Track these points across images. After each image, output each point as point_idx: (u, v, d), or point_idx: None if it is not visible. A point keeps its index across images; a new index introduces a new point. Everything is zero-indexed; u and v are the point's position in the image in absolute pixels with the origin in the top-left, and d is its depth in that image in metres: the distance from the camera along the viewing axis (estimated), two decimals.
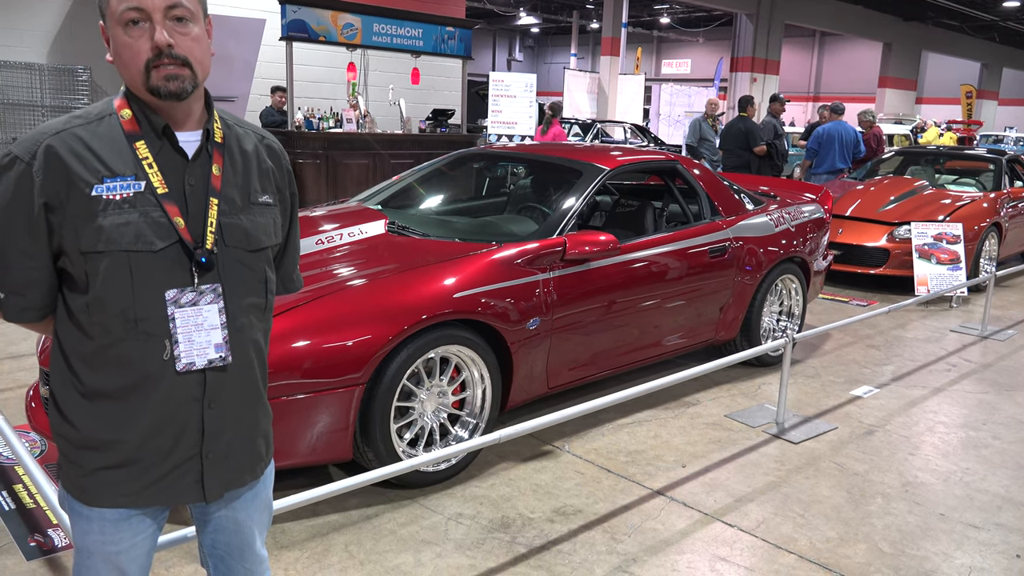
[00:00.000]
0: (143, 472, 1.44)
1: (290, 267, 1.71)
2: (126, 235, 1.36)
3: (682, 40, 38.28)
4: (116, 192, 1.36)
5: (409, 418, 3.26)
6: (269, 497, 1.68)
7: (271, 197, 1.55)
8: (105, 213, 1.35)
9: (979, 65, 33.61)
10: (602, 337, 3.92)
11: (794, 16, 24.77)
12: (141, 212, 1.37)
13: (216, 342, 1.44)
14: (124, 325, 1.38)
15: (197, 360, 1.42)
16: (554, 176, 4.58)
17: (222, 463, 1.50)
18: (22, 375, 4.39)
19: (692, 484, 3.44)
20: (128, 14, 1.35)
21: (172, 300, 1.40)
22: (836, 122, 9.53)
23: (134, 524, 1.49)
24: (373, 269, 3.37)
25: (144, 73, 1.37)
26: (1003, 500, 3.43)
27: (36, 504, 3.03)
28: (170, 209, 1.39)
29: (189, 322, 1.41)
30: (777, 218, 4.97)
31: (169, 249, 1.39)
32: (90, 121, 1.42)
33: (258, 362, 1.54)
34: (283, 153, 1.63)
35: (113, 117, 1.42)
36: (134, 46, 1.37)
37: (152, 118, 1.42)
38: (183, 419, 1.44)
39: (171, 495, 1.47)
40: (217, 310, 1.44)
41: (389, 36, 9.26)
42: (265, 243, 1.52)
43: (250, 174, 1.52)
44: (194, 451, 1.46)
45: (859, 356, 5.45)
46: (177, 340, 1.40)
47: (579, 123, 16.89)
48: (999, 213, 7.93)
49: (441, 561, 2.77)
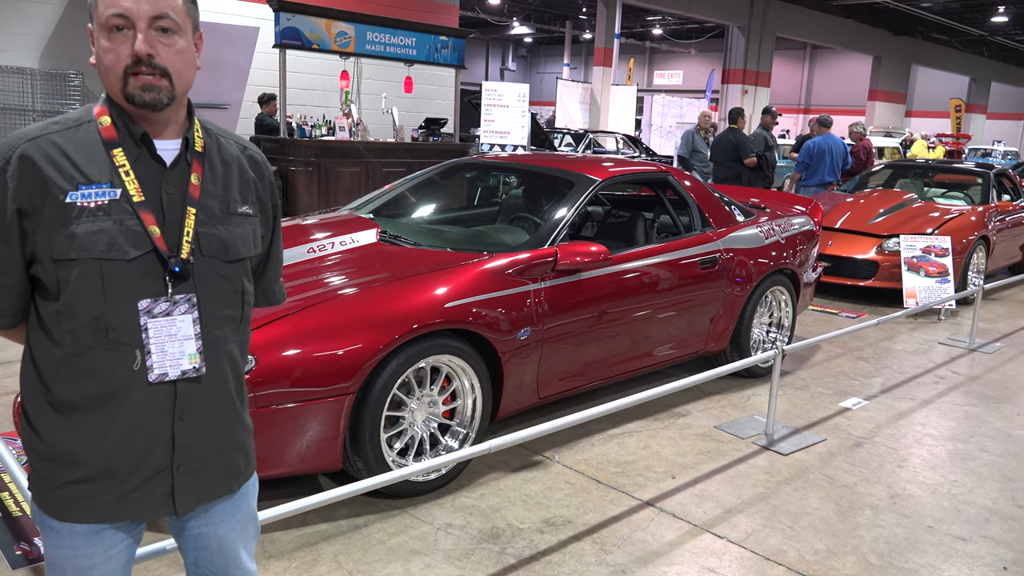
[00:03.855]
0: (112, 486, 1.41)
1: (272, 279, 1.69)
2: (99, 243, 1.34)
3: (674, 51, 38.49)
4: (91, 199, 1.35)
5: (399, 427, 3.25)
6: (252, 510, 1.65)
7: (251, 208, 1.53)
8: (79, 220, 1.33)
9: (968, 79, 33.92)
10: (593, 348, 3.93)
11: (785, 29, 24.95)
12: (115, 220, 1.35)
13: (189, 352, 1.41)
14: (95, 334, 1.36)
15: (170, 371, 1.40)
16: (546, 186, 4.59)
17: (194, 476, 1.47)
18: (8, 381, 4.36)
19: (682, 495, 3.44)
20: (113, 20, 1.34)
21: (145, 310, 1.38)
22: (825, 135, 9.60)
23: (107, 538, 1.46)
24: (364, 278, 3.37)
25: (122, 79, 1.36)
26: (991, 512, 3.45)
27: (22, 512, 3.01)
28: (145, 217, 1.37)
29: (162, 332, 1.39)
30: (767, 230, 5.00)
31: (143, 258, 1.37)
32: (68, 127, 1.40)
33: (233, 375, 1.52)
34: (266, 164, 1.61)
35: (92, 124, 1.41)
36: (115, 51, 1.36)
37: (131, 126, 1.40)
38: (153, 431, 1.41)
39: (142, 509, 1.45)
40: (191, 320, 1.41)
41: (382, 45, 9.27)
42: (243, 254, 1.50)
43: (230, 184, 1.50)
44: (165, 464, 1.43)
45: (848, 368, 5.48)
46: (150, 350, 1.38)
47: (571, 133, 16.94)
48: (987, 226, 7.99)
49: (430, 571, 2.76)
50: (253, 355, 2.83)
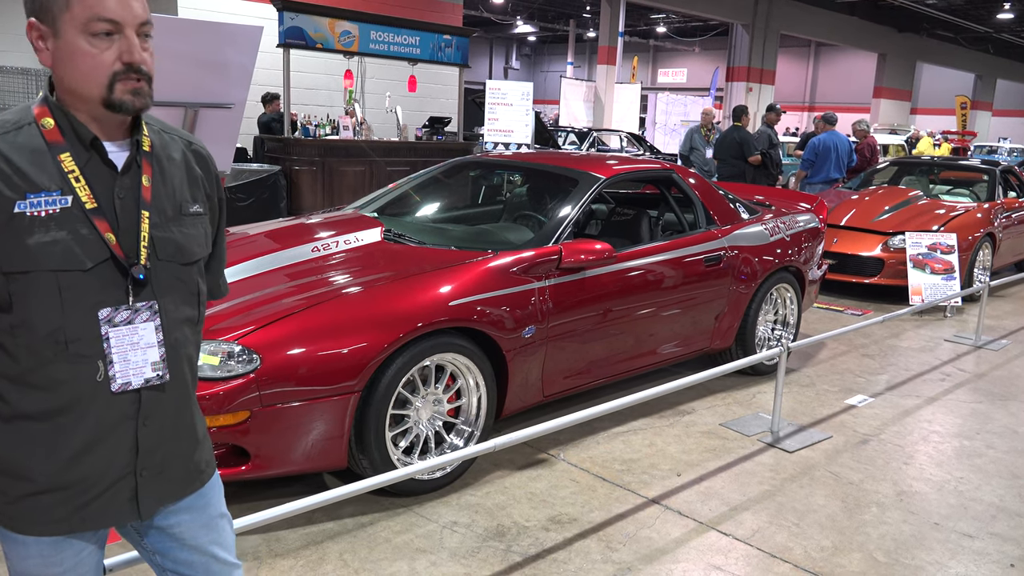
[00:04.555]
0: (71, 497, 1.37)
1: (216, 274, 1.65)
2: (53, 254, 1.28)
3: (678, 49, 38.43)
4: (40, 208, 1.28)
5: (404, 426, 3.25)
6: (219, 507, 1.60)
7: (201, 206, 1.49)
8: (30, 231, 1.27)
9: (973, 76, 33.82)
10: (597, 345, 3.93)
11: (790, 26, 24.90)
12: (69, 229, 1.29)
13: (152, 360, 1.38)
14: (54, 348, 1.31)
15: (133, 380, 1.37)
16: (550, 185, 4.59)
17: (157, 478, 1.45)
18: None
19: (687, 493, 3.44)
20: (99, 25, 1.29)
21: (106, 319, 1.33)
22: (830, 132, 9.57)
23: (74, 544, 1.42)
24: (369, 277, 3.37)
25: (107, 86, 1.31)
26: (997, 509, 3.44)
27: None
28: (100, 225, 1.32)
29: (124, 341, 1.35)
30: (772, 227, 4.99)
31: (101, 267, 1.32)
32: (7, 131, 1.32)
33: (191, 375, 1.50)
34: (211, 158, 1.56)
35: (32, 126, 1.33)
36: (98, 57, 1.30)
37: (78, 128, 1.33)
38: (115, 439, 1.38)
39: (105, 517, 1.41)
40: (153, 327, 1.38)
41: (386, 44, 9.28)
42: (198, 255, 1.47)
43: (180, 183, 1.46)
44: (128, 469, 1.41)
45: (854, 365, 5.46)
46: (112, 360, 1.34)
47: (575, 131, 16.93)
48: (993, 223, 7.96)
49: (436, 570, 2.76)
50: (258, 354, 2.84)
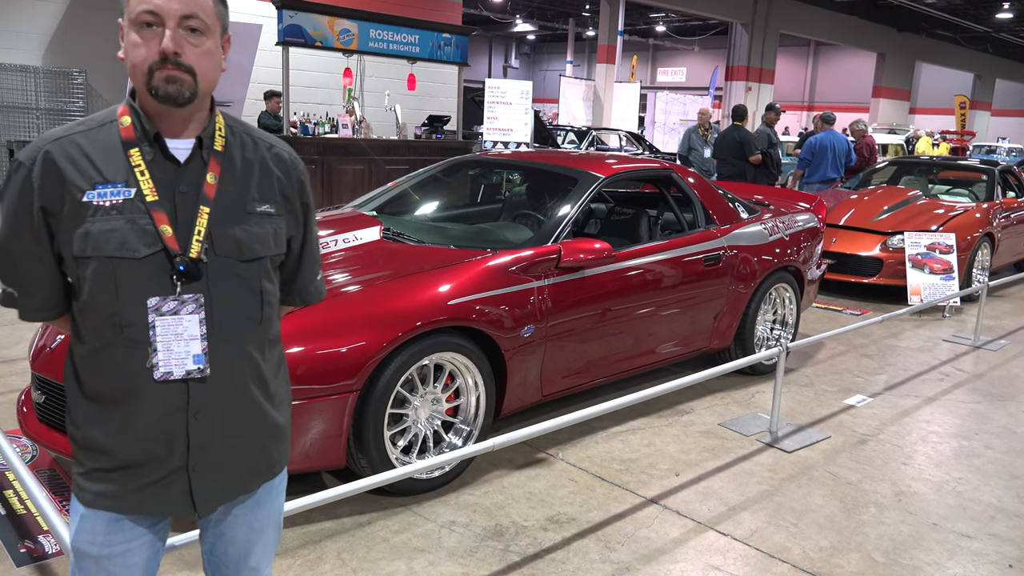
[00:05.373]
0: (131, 478, 1.44)
1: (307, 278, 1.68)
2: (111, 241, 1.37)
3: (677, 48, 38.41)
4: (106, 198, 1.38)
5: (403, 425, 3.25)
6: (274, 512, 1.65)
7: (273, 207, 1.52)
8: (93, 219, 1.37)
9: (972, 76, 33.82)
10: (596, 345, 3.92)
11: (789, 26, 24.90)
12: (128, 219, 1.38)
13: (194, 352, 1.42)
14: (112, 331, 1.40)
15: (175, 370, 1.41)
16: (549, 184, 4.58)
17: (212, 476, 1.48)
18: (13, 379, 4.36)
19: (686, 492, 3.44)
20: (143, 16, 1.37)
21: (153, 308, 1.39)
22: (828, 132, 9.57)
23: (126, 529, 1.48)
24: (368, 275, 3.36)
25: (147, 74, 1.38)
26: (996, 510, 3.44)
27: (27, 510, 3.01)
28: (157, 217, 1.39)
29: (169, 331, 1.40)
30: (771, 227, 4.98)
31: (153, 257, 1.39)
32: (91, 128, 1.44)
33: (253, 375, 1.51)
34: (295, 162, 1.59)
35: (114, 124, 1.44)
36: (143, 48, 1.38)
37: (146, 125, 1.42)
38: (169, 429, 1.43)
39: (158, 505, 1.47)
40: (198, 320, 1.41)
41: (385, 42, 9.27)
42: (260, 253, 1.49)
43: (250, 183, 1.50)
44: (180, 462, 1.45)
45: (852, 365, 5.46)
46: (156, 348, 1.40)
47: (574, 130, 16.92)
48: (992, 223, 7.97)
49: (434, 569, 2.76)
50: None
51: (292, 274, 1.65)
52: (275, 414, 1.58)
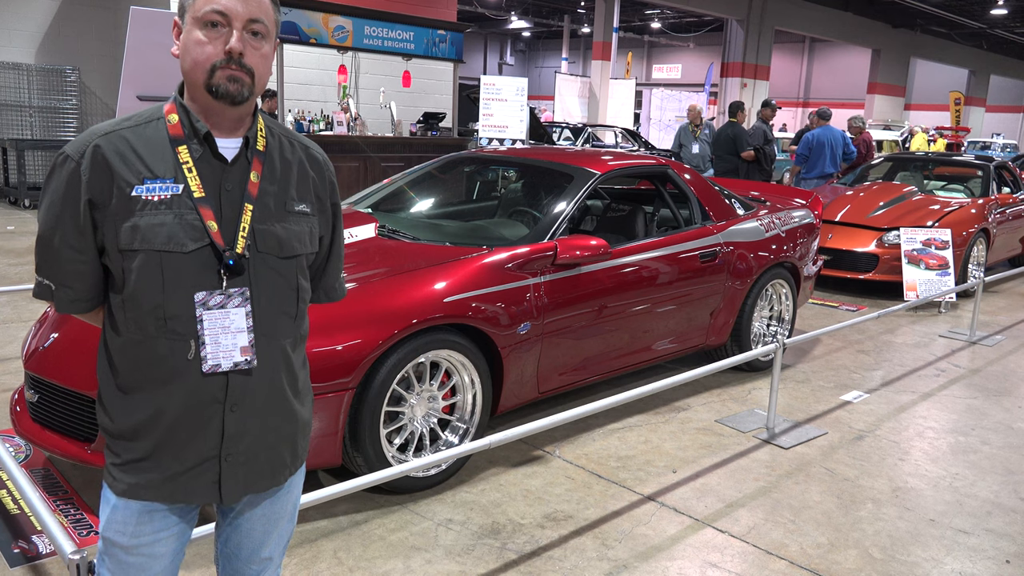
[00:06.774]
0: (164, 466, 1.48)
1: (333, 277, 1.73)
2: (159, 235, 1.40)
3: (673, 45, 38.41)
4: (155, 193, 1.42)
5: (399, 423, 3.24)
6: (291, 506, 1.68)
7: (309, 206, 1.57)
8: (142, 213, 1.40)
9: (967, 72, 33.89)
10: (593, 342, 3.91)
11: (784, 22, 24.91)
12: (176, 214, 1.42)
13: (242, 345, 1.46)
14: (155, 323, 1.43)
15: (223, 362, 1.45)
16: (545, 180, 4.57)
17: (242, 467, 1.52)
18: (7, 379, 4.34)
19: (683, 489, 3.43)
20: (210, 15, 1.41)
21: (201, 302, 1.43)
22: (825, 127, 9.57)
23: (157, 520, 1.51)
24: (363, 273, 3.35)
25: (208, 72, 1.42)
26: (993, 505, 3.44)
27: (20, 510, 3.00)
28: (204, 212, 1.43)
29: (216, 324, 1.44)
30: (767, 223, 4.98)
31: (200, 251, 1.43)
32: (139, 124, 1.47)
33: (286, 369, 1.56)
34: (327, 164, 1.65)
35: (161, 121, 1.47)
36: (207, 46, 1.42)
37: (196, 124, 1.46)
38: (204, 420, 1.47)
39: (188, 493, 1.50)
40: (244, 314, 1.46)
41: (380, 39, 9.25)
42: (298, 251, 1.54)
43: (289, 182, 1.54)
44: (213, 452, 1.49)
45: (849, 361, 5.47)
46: (204, 342, 1.43)
47: (570, 127, 16.91)
48: (987, 219, 7.98)
49: (431, 567, 2.75)
50: None
51: (319, 272, 1.69)
52: (301, 408, 1.62)
